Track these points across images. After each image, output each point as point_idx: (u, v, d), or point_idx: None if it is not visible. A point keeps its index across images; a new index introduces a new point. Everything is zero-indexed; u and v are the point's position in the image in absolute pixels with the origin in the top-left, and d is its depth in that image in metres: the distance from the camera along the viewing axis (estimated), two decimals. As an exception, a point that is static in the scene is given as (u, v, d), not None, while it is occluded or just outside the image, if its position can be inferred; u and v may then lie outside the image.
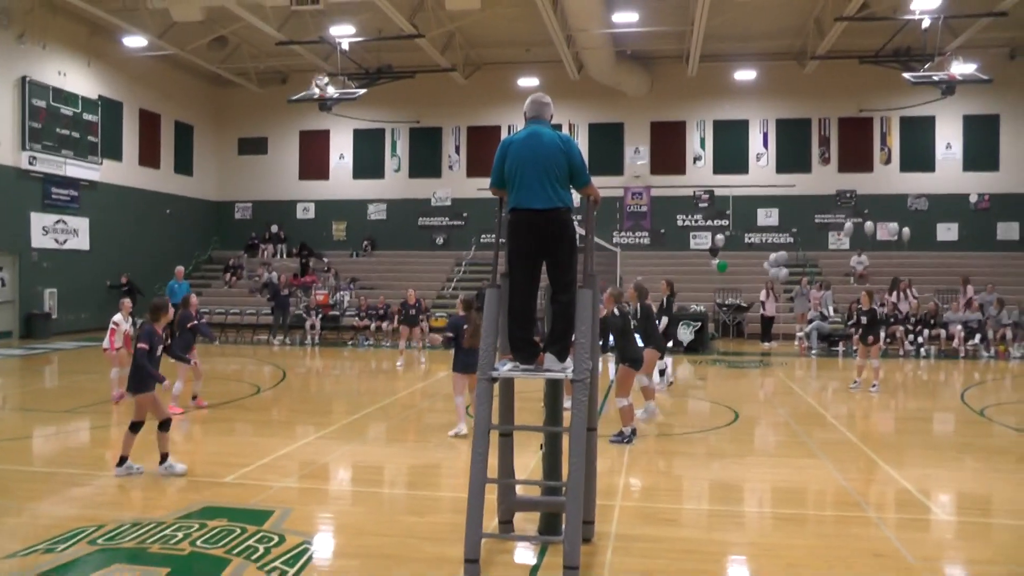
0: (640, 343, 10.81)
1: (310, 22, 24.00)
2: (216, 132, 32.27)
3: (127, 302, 13.36)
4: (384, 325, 24.14)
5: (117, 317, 12.88)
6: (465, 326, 10.09)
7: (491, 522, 6.33)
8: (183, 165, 30.70)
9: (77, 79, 25.25)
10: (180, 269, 20.75)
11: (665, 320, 14.52)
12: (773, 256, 25.76)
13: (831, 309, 23.84)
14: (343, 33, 23.23)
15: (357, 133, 31.36)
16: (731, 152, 29.80)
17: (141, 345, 8.49)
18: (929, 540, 6.87)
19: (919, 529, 7.16)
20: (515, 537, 6.39)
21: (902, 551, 6.39)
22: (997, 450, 10.42)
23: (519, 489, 6.79)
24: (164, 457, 8.42)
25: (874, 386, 14.77)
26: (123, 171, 27.38)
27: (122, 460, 8.36)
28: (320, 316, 24.88)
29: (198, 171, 31.46)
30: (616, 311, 10.32)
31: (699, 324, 21.76)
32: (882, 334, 16.30)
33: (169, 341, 11.58)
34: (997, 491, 8.38)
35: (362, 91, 23.99)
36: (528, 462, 8.26)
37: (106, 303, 23.14)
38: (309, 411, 13.06)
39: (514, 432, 6.33)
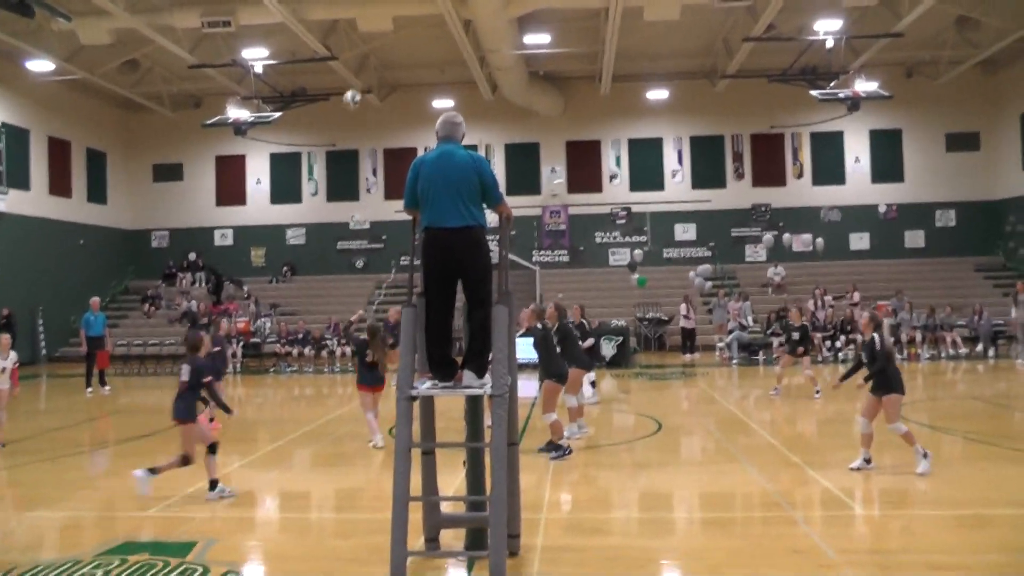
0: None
1: (223, 45, 23.70)
2: (130, 158, 31.45)
3: (5, 338, 12.32)
4: (306, 351, 23.85)
5: None
6: (368, 350, 10.78)
7: (417, 541, 6.30)
8: (96, 193, 29.81)
9: (-21, 106, 24.40)
10: (95, 300, 20.08)
11: (591, 340, 14.66)
12: (699, 268, 26.32)
13: (750, 319, 24.49)
14: (256, 56, 22.96)
15: (273, 157, 30.98)
16: (647, 169, 30.38)
17: (184, 380, 8.59)
18: (848, 535, 7.10)
19: (839, 525, 7.38)
20: (441, 554, 6.39)
21: (821, 546, 6.59)
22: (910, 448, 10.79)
23: (445, 507, 6.78)
24: (213, 484, 8.46)
25: (817, 392, 15.01)
26: (32, 201, 26.40)
27: (213, 484, 8.46)
28: (241, 344, 24.43)
29: (112, 199, 30.59)
30: (539, 325, 10.43)
31: (621, 339, 22.08)
32: (810, 346, 16.86)
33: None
34: (912, 485, 8.69)
35: (277, 114, 23.73)
36: (455, 480, 8.26)
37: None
38: (232, 439, 12.72)
39: (437, 450, 6.33)
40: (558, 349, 10.75)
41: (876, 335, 9.19)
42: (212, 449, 8.59)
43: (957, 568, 6.12)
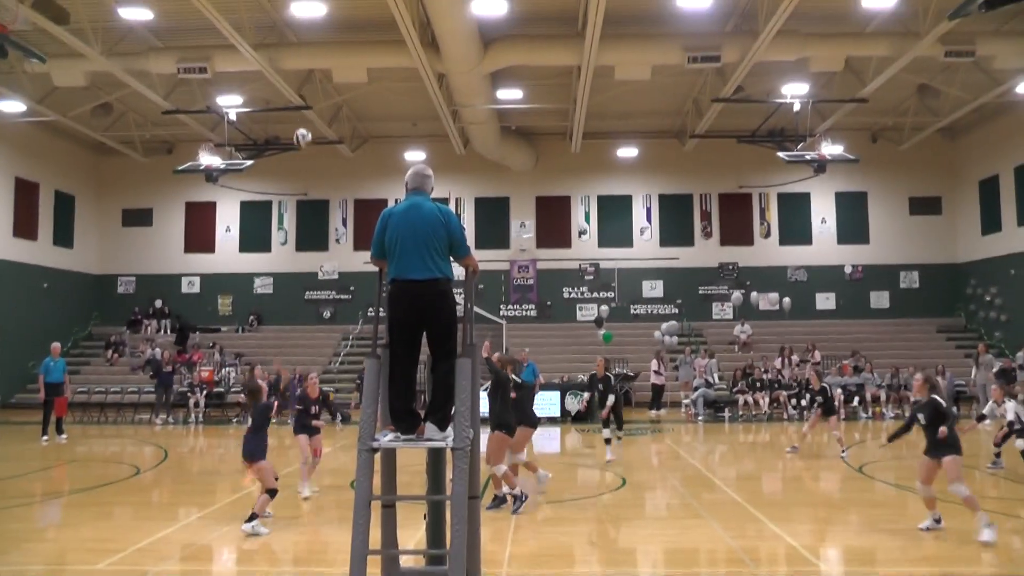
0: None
1: (197, 91, 23.76)
2: (99, 202, 31.20)
3: None
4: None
5: None
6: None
7: (376, 598, 6.18)
8: (63, 237, 29.47)
9: (-55, 146, 24.16)
10: (56, 346, 19.73)
11: (611, 398, 14.57)
12: (665, 326, 26.49)
13: (716, 376, 24.63)
14: (230, 103, 23.03)
15: (244, 205, 30.88)
16: (615, 226, 30.67)
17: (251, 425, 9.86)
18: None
19: (801, 585, 7.35)
20: (400, 611, 6.24)
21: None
22: (877, 504, 10.86)
23: (405, 561, 6.66)
24: (253, 517, 9.28)
25: (844, 451, 15.14)
26: (-5, 242, 26.09)
27: (252, 516, 9.30)
28: (205, 393, 24.06)
29: (79, 243, 30.26)
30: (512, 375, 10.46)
31: (587, 394, 21.99)
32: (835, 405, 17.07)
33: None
34: (878, 543, 8.70)
35: (249, 162, 23.69)
36: (416, 534, 8.13)
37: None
38: (191, 491, 12.52)
39: (399, 504, 6.23)
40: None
41: (936, 396, 9.03)
42: (271, 493, 9.48)
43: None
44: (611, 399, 14.41)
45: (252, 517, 9.25)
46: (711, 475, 13.23)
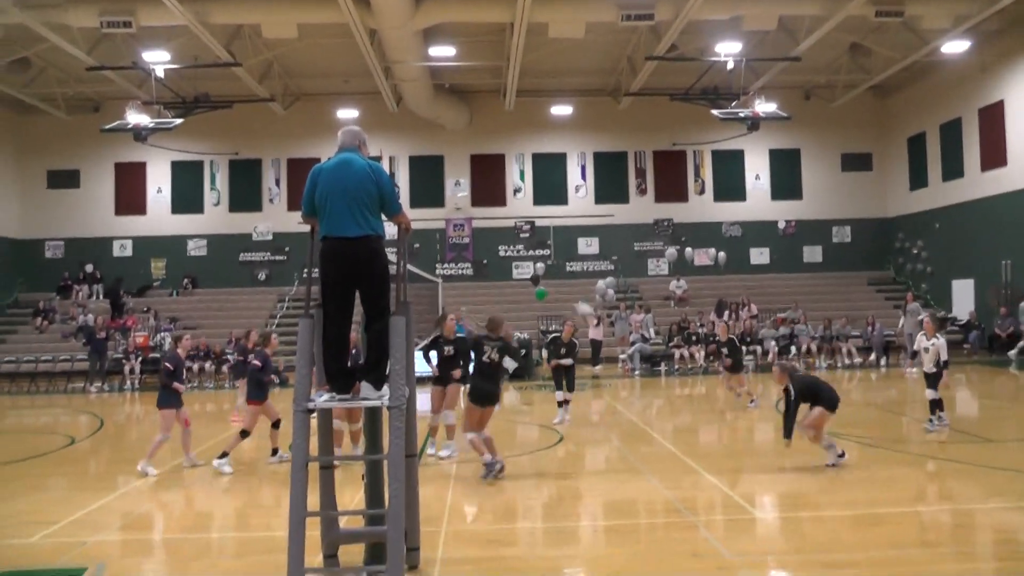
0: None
1: (122, 46, 22.89)
2: (21, 163, 29.99)
3: None
4: (207, 366, 23.18)
5: None
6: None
7: (316, 558, 6.18)
8: (-18, 200, 28.42)
9: None
10: (-21, 312, 19.20)
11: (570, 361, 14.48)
12: (605, 281, 26.69)
13: (652, 332, 25.01)
14: (157, 59, 22.31)
15: (175, 165, 30.10)
16: (551, 184, 30.72)
17: (255, 363, 11.10)
18: (745, 537, 7.31)
19: (737, 529, 7.59)
20: (339, 571, 6.26)
21: (719, 548, 6.77)
22: (809, 452, 11.16)
23: (345, 522, 6.67)
24: (275, 451, 11.00)
25: (752, 401, 15.41)
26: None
27: (274, 451, 11.01)
28: (140, 359, 23.59)
29: (0, 206, 29.17)
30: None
31: (524, 351, 22.24)
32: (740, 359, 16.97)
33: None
34: (811, 489, 8.99)
35: (178, 121, 23.05)
36: (355, 495, 8.14)
37: None
38: (129, 460, 12.21)
39: (338, 465, 6.23)
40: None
41: (791, 382, 9.81)
42: (276, 424, 11.02)
43: (849, 565, 6.37)
44: (569, 361, 14.33)
45: (274, 452, 10.92)
46: (648, 428, 13.47)
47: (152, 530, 8.30)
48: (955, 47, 23.51)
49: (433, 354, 11.34)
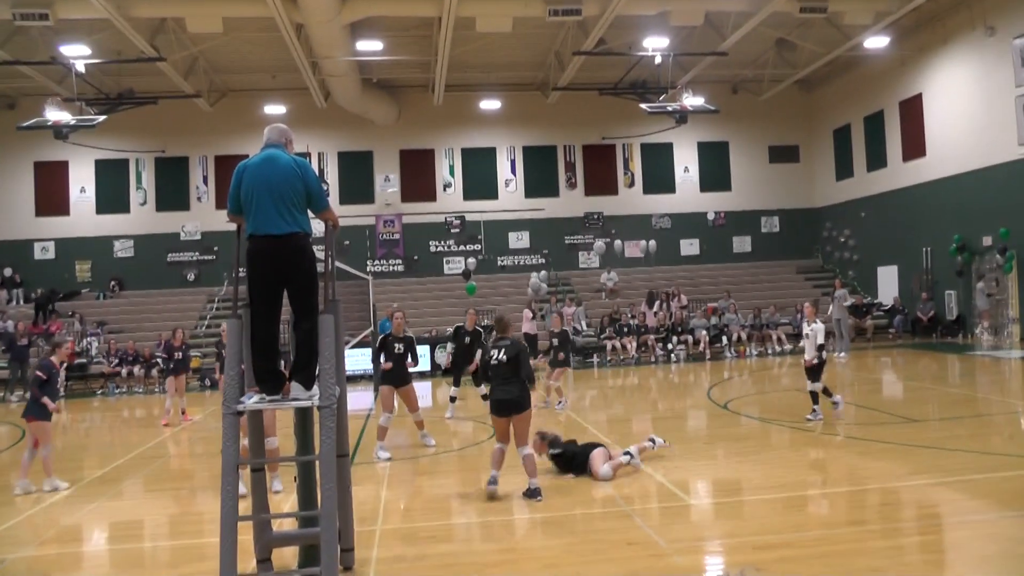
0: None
1: (39, 40, 22.11)
2: (-68, 164, 28.85)
3: None
4: (136, 370, 22.63)
5: None
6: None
7: (250, 563, 6.09)
8: None
9: None
10: None
11: (479, 352, 14.48)
12: (538, 275, 26.81)
13: (584, 324, 25.25)
14: (78, 54, 21.55)
15: (99, 164, 29.20)
16: (480, 179, 30.70)
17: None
18: (680, 525, 7.44)
19: (671, 516, 7.73)
20: (273, 575, 6.18)
21: (654, 537, 6.89)
22: (742, 437, 11.45)
23: (278, 525, 6.59)
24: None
25: (560, 403, 14.85)
26: None
27: None
28: (65, 365, 22.87)
29: (-89, 208, 27.96)
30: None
31: (450, 346, 22.16)
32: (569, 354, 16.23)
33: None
34: (744, 474, 9.20)
35: (101, 117, 22.35)
36: (288, 497, 8.04)
37: None
38: (58, 469, 11.92)
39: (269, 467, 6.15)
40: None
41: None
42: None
43: (782, 546, 6.54)
44: (479, 353, 14.43)
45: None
46: (582, 420, 13.59)
47: (80, 543, 8.07)
48: (876, 42, 24.16)
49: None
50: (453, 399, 14.86)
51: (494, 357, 8.69)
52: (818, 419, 12.01)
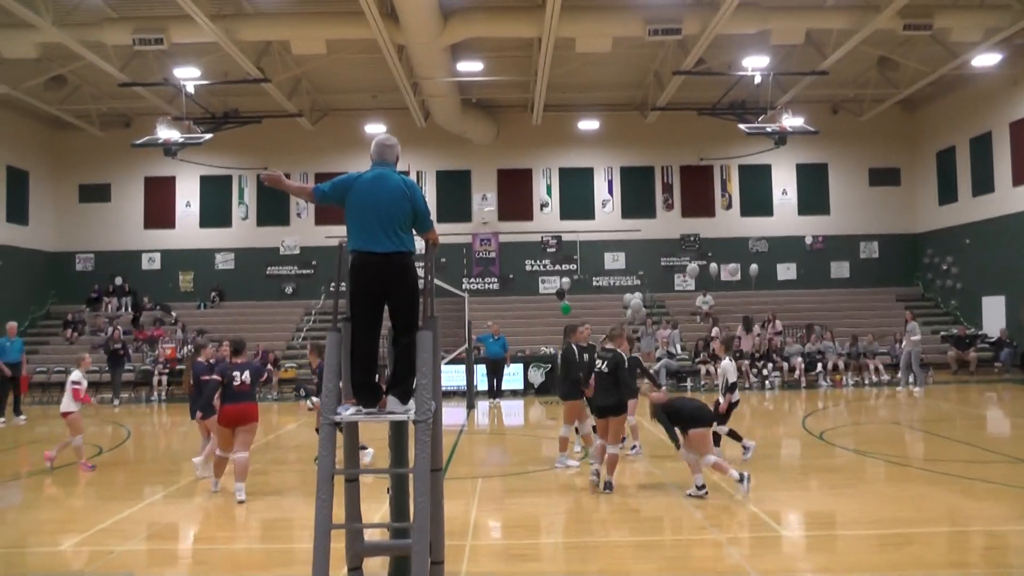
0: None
1: (154, 63, 23.24)
2: (54, 178, 30.52)
3: None
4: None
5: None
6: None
7: (341, 571, 6.19)
8: (17, 213, 28.80)
9: None
10: (12, 325, 19.38)
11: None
12: (636, 297, 26.67)
13: (678, 347, 24.90)
14: (188, 76, 22.58)
15: (204, 180, 30.42)
16: (577, 199, 30.69)
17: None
18: (772, 555, 7.25)
19: (763, 547, 7.53)
20: (364, 584, 6.27)
21: (745, 566, 6.72)
22: (836, 469, 11.10)
23: (369, 535, 6.68)
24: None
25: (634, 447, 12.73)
26: (-54, 221, 25.41)
27: None
28: (168, 371, 23.80)
29: (34, 220, 29.60)
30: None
31: (549, 366, 22.34)
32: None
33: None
34: (838, 506, 8.91)
35: (208, 136, 23.35)
36: (380, 507, 8.15)
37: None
38: (155, 470, 12.42)
39: (362, 477, 6.25)
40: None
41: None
42: None
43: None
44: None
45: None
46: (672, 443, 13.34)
47: (179, 540, 8.37)
48: (985, 60, 23.24)
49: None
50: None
51: (598, 366, 9.87)
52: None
